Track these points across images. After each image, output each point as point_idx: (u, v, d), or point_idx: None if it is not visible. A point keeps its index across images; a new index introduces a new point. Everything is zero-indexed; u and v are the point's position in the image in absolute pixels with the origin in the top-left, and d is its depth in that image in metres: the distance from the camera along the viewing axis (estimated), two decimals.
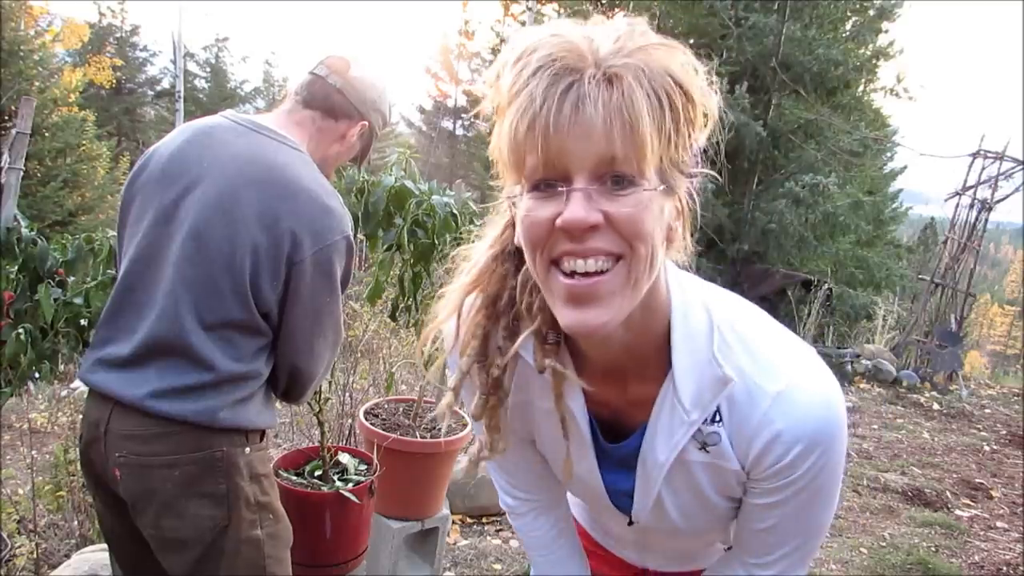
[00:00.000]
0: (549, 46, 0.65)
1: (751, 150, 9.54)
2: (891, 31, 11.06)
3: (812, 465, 0.76)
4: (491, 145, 0.73)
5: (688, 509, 0.88)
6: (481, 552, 2.89)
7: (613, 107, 0.63)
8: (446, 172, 22.81)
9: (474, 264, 0.83)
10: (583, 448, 0.88)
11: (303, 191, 1.33)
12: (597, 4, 12.14)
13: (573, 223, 0.65)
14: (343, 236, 1.36)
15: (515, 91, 0.66)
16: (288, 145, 1.38)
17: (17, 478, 2.97)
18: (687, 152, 0.70)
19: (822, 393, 0.76)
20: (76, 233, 2.50)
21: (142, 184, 1.37)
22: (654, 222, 0.67)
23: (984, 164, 7.11)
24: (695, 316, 0.78)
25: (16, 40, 12.07)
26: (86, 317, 2.16)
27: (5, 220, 2.21)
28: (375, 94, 1.51)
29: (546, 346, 0.79)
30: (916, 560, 3.17)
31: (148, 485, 1.28)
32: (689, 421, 0.79)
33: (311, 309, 1.36)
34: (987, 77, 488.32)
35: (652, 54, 0.66)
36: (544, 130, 0.64)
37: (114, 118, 21.22)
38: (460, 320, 0.82)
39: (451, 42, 25.97)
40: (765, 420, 0.76)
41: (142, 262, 1.32)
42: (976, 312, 14.68)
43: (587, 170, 0.65)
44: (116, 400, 1.28)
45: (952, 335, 6.94)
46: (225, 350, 1.29)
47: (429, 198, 2.08)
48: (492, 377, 0.81)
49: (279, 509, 1.40)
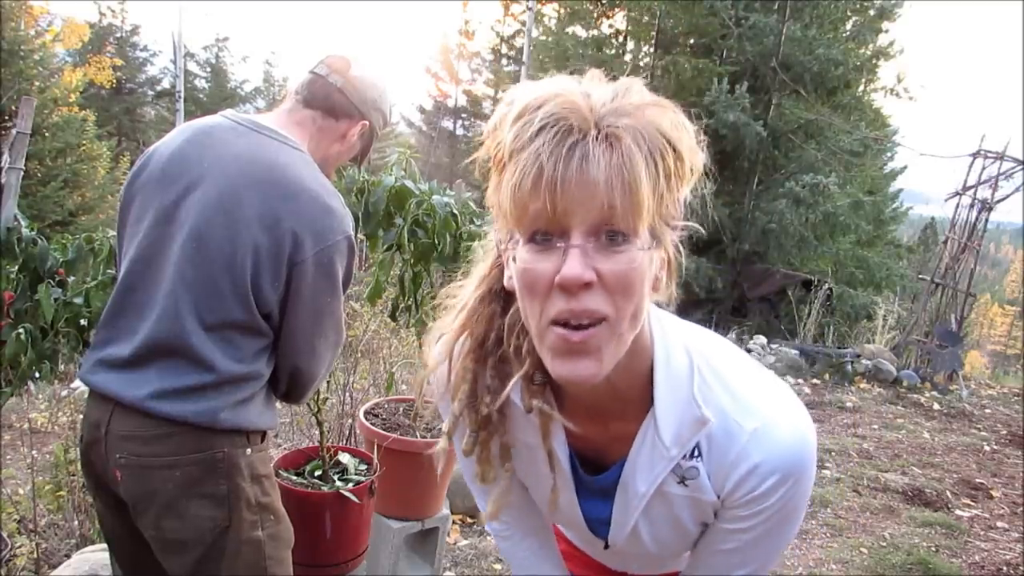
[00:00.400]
0: (552, 104, 0.68)
1: (751, 150, 9.54)
2: (891, 31, 11.11)
3: (783, 495, 0.81)
4: (488, 193, 0.76)
5: (663, 538, 0.91)
6: (481, 552, 2.90)
7: (614, 167, 0.66)
8: (446, 172, 22.80)
9: (463, 307, 0.85)
10: (564, 481, 0.91)
11: (304, 191, 1.32)
12: (597, 4, 12.14)
13: (570, 280, 0.68)
14: (344, 236, 1.35)
15: (519, 147, 0.68)
16: (289, 145, 1.38)
17: (17, 478, 2.97)
18: (675, 207, 0.74)
19: (796, 428, 0.81)
20: (76, 233, 2.50)
21: (142, 184, 1.36)
22: (643, 277, 0.71)
23: (984, 164, 7.11)
24: (676, 358, 0.82)
25: (16, 40, 12.08)
26: (86, 317, 2.15)
27: (5, 220, 2.21)
28: (376, 93, 1.50)
29: (533, 387, 0.82)
30: (916, 560, 3.17)
31: (148, 486, 1.27)
32: (669, 456, 0.83)
33: (312, 309, 1.35)
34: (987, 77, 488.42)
35: (647, 114, 0.69)
36: (551, 186, 0.66)
37: (114, 118, 21.23)
38: (451, 364, 0.85)
39: (451, 42, 26.00)
40: (743, 454, 0.80)
41: (142, 262, 1.32)
42: (976, 312, 14.68)
43: (586, 226, 0.68)
44: (117, 401, 1.27)
45: (952, 335, 6.94)
46: (226, 351, 1.28)
47: (429, 198, 2.08)
48: (482, 416, 0.85)
49: (280, 510, 1.40)
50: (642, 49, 12.24)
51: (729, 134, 9.19)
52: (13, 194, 2.30)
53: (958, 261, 7.14)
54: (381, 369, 3.29)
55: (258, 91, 26.17)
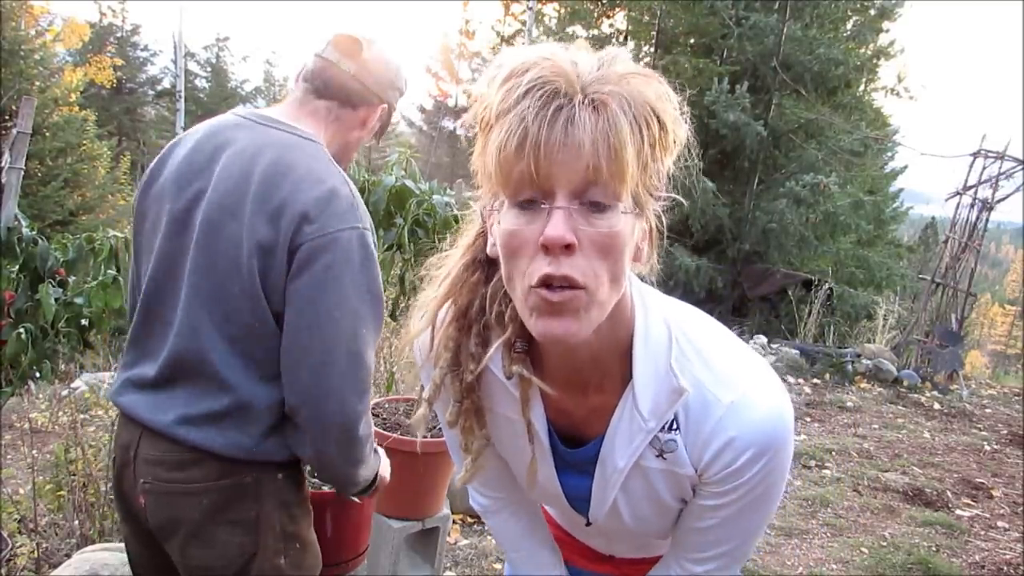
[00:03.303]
0: (539, 68, 0.69)
1: (752, 150, 9.54)
2: (892, 31, 11.10)
3: (759, 470, 0.81)
4: (474, 157, 0.76)
5: (642, 513, 0.92)
6: (482, 552, 2.89)
7: (600, 131, 0.67)
8: (447, 172, 22.81)
9: (447, 275, 0.86)
10: (542, 454, 0.92)
11: (307, 178, 1.21)
12: (598, 4, 12.14)
13: (553, 240, 0.68)
14: (352, 227, 1.20)
15: (505, 109, 0.69)
16: (298, 135, 1.28)
17: (18, 478, 2.97)
18: (658, 177, 0.75)
19: (773, 404, 0.81)
20: (77, 233, 2.51)
21: (155, 194, 1.30)
22: (624, 243, 0.72)
23: (985, 164, 7.10)
24: (655, 329, 0.83)
25: (17, 40, 12.08)
26: (87, 317, 2.16)
27: (6, 220, 2.21)
28: (392, 74, 1.40)
29: (514, 354, 0.83)
30: (917, 560, 3.17)
31: (174, 512, 1.23)
32: (647, 429, 0.83)
33: (308, 309, 1.21)
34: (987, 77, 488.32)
35: (632, 83, 0.70)
36: (534, 149, 0.67)
37: (115, 118, 21.23)
38: (434, 331, 0.86)
39: (451, 42, 26.03)
40: (719, 427, 0.81)
41: (159, 278, 1.26)
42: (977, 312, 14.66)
43: (570, 189, 0.68)
44: (144, 425, 1.23)
45: (953, 335, 6.93)
46: (247, 367, 1.21)
47: (430, 198, 2.08)
48: (465, 383, 0.85)
49: (307, 537, 1.34)
50: (642, 49, 12.22)
51: (729, 134, 9.18)
52: (13, 194, 2.30)
53: (958, 261, 7.14)
54: (381, 369, 3.29)
55: (258, 91, 26.18)
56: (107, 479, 2.42)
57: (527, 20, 13.84)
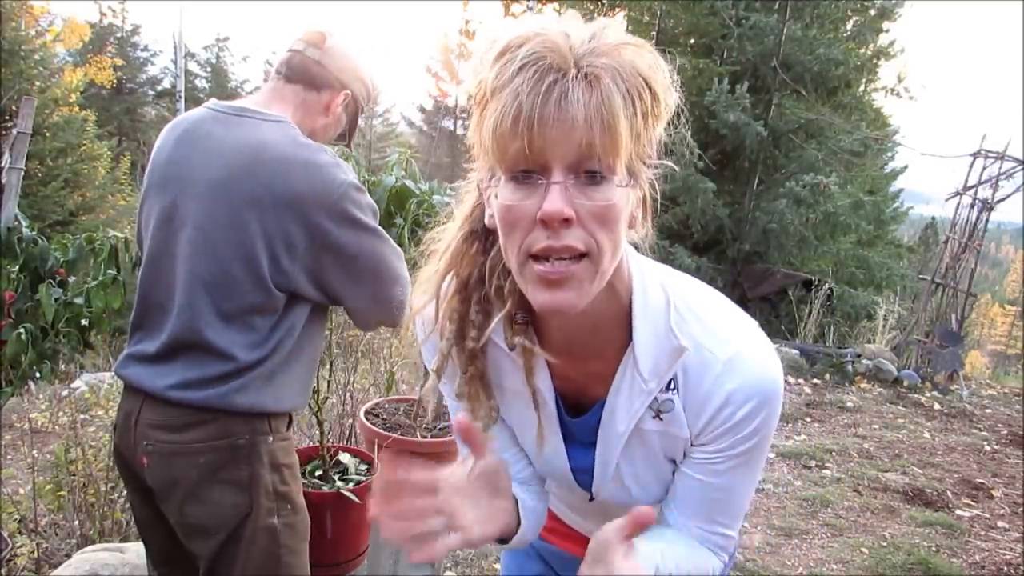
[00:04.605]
0: (533, 44, 0.70)
1: (752, 150, 9.53)
2: (892, 31, 11.07)
3: (758, 423, 0.84)
4: (470, 131, 0.78)
5: (643, 478, 0.94)
6: (482, 552, 2.89)
7: (593, 106, 0.68)
8: (447, 172, 22.81)
9: (447, 247, 0.87)
10: (551, 424, 0.94)
11: (292, 161, 1.33)
12: (598, 4, 12.13)
13: (552, 214, 0.70)
14: (344, 183, 1.35)
15: (500, 85, 0.70)
16: (270, 120, 1.39)
17: (18, 478, 2.97)
18: (651, 145, 0.77)
19: (765, 359, 0.85)
20: (77, 233, 2.51)
21: (148, 188, 1.43)
22: (620, 213, 0.74)
23: (985, 164, 7.09)
24: (653, 294, 0.85)
25: (17, 40, 12.07)
26: (87, 317, 2.16)
27: (6, 220, 2.21)
28: (352, 63, 1.53)
29: (516, 326, 0.85)
30: (917, 560, 3.17)
31: (173, 473, 1.32)
32: (647, 390, 0.86)
33: (353, 260, 1.37)
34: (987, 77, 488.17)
35: (624, 53, 0.71)
36: (529, 124, 0.68)
37: (115, 118, 21.24)
38: (438, 304, 0.88)
39: (452, 41, 26.05)
40: (717, 383, 0.84)
41: (152, 264, 1.39)
42: (977, 312, 14.65)
43: (566, 163, 0.70)
44: (146, 392, 1.34)
45: (953, 335, 6.93)
46: (245, 336, 1.33)
47: (430, 198, 2.08)
48: (469, 350, 0.87)
49: (298, 501, 1.43)
50: None
51: (729, 134, 9.18)
52: (14, 194, 2.30)
53: (959, 261, 7.14)
54: (381, 369, 3.29)
55: (258, 91, 26.13)
56: (107, 479, 2.42)
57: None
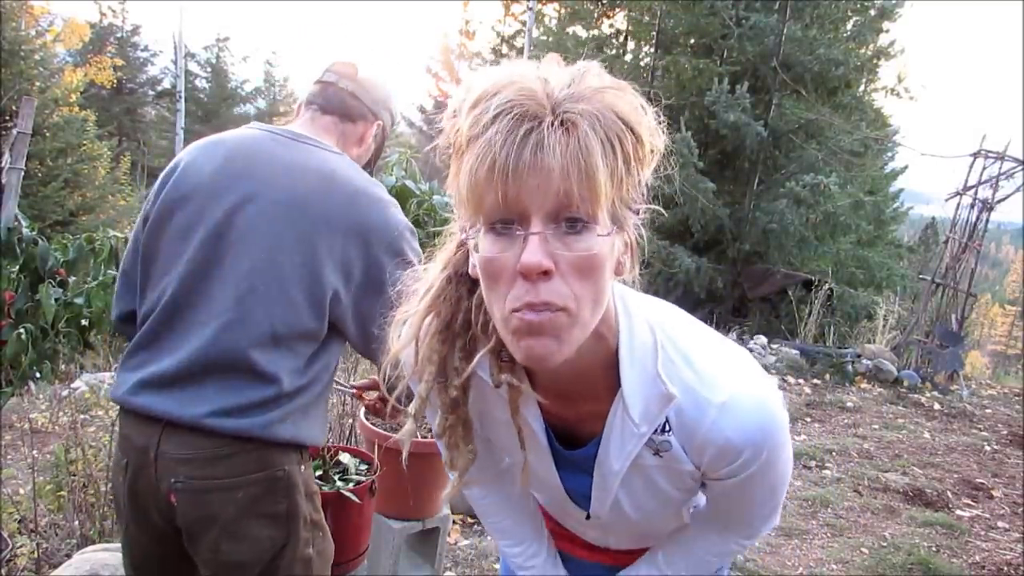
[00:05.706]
0: (508, 91, 0.68)
1: (752, 150, 9.53)
2: (892, 31, 11.08)
3: (762, 464, 0.84)
4: (448, 182, 0.76)
5: (645, 506, 0.93)
6: (482, 552, 2.89)
7: (570, 153, 0.66)
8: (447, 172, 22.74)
9: (428, 288, 0.85)
10: (541, 454, 0.92)
11: (361, 192, 1.35)
12: (598, 4, 12.13)
13: (530, 267, 0.68)
14: (406, 226, 1.38)
15: (475, 134, 0.69)
16: (329, 151, 1.39)
17: (18, 478, 2.97)
18: (635, 190, 0.74)
19: (761, 398, 0.83)
20: (77, 233, 2.51)
21: (181, 199, 1.32)
22: (603, 263, 0.71)
23: (985, 164, 7.09)
24: (640, 336, 0.83)
25: (17, 40, 12.06)
26: (87, 317, 2.16)
27: (6, 220, 2.21)
28: (384, 93, 1.53)
29: (501, 363, 0.83)
30: (917, 560, 3.17)
31: (208, 510, 1.24)
32: (639, 433, 0.84)
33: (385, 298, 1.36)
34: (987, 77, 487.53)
35: (604, 97, 0.69)
36: (504, 174, 0.67)
37: (115, 118, 21.21)
38: (418, 345, 0.85)
39: (452, 42, 25.99)
40: (714, 429, 0.82)
41: (193, 278, 1.28)
42: (977, 312, 14.64)
43: (544, 213, 0.68)
44: (167, 422, 1.23)
45: (953, 335, 6.93)
46: (290, 361, 1.27)
47: (430, 198, 2.08)
48: (450, 397, 0.85)
49: (326, 526, 1.40)
50: (643, 49, 12.22)
51: (729, 134, 9.18)
52: (14, 194, 2.30)
53: (959, 261, 7.13)
54: None
55: (258, 91, 26.13)
56: (107, 479, 2.42)
57: (527, 20, 13.83)
